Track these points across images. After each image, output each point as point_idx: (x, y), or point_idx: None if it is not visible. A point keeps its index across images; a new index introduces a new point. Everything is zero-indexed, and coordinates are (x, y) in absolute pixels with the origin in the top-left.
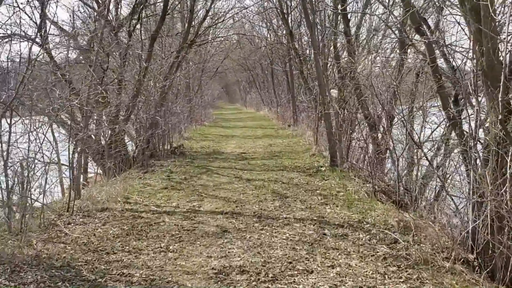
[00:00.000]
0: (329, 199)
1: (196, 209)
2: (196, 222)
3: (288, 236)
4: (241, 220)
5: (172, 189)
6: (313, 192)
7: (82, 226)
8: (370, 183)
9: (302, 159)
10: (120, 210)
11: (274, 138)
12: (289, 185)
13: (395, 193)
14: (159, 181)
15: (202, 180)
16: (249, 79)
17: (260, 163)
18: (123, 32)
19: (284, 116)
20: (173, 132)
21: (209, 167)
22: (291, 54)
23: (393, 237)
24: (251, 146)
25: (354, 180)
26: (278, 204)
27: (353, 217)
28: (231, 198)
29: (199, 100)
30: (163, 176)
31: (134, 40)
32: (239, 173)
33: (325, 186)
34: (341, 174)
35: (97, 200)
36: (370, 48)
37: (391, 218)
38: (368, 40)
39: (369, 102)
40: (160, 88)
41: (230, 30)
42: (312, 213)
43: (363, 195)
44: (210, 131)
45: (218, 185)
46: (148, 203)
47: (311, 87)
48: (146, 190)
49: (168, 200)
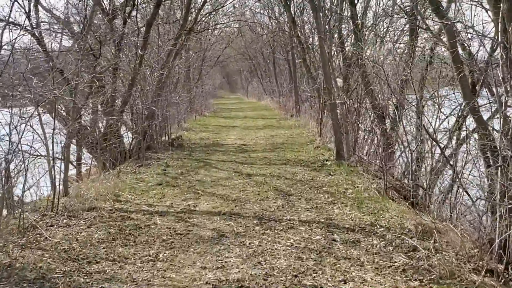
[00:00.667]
0: (336, 198)
1: (192, 208)
2: (191, 224)
3: (292, 242)
4: (240, 223)
5: (167, 185)
6: (319, 190)
7: (65, 228)
8: (381, 179)
9: (306, 151)
10: (108, 210)
11: (276, 129)
12: (293, 181)
13: (408, 190)
14: (153, 176)
15: (200, 175)
16: (251, 68)
17: (262, 156)
18: (119, 20)
19: (286, 106)
20: (171, 123)
21: (207, 160)
22: (294, 42)
23: (411, 243)
24: (252, 138)
25: (362, 176)
26: (281, 203)
27: (365, 219)
28: (230, 196)
29: (199, 89)
30: (158, 170)
31: (130, 27)
32: (239, 167)
33: (332, 182)
34: (349, 168)
35: (85, 197)
36: (378, 33)
37: (408, 221)
38: (376, 24)
39: (378, 90)
40: (157, 77)
41: (231, 18)
42: (318, 214)
43: (374, 193)
44: (211, 121)
45: (217, 180)
46: (140, 201)
47: (315, 76)
48: (139, 186)
49: (162, 198)
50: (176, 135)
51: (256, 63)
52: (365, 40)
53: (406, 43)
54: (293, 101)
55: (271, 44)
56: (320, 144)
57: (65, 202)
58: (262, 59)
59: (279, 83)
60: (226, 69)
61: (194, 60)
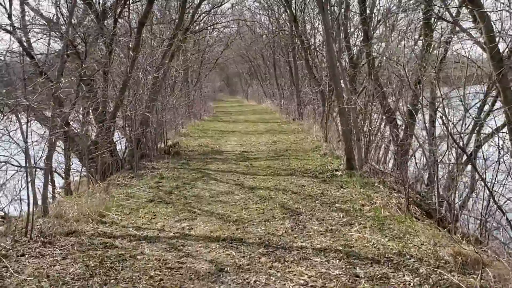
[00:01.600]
0: (353, 217)
1: (186, 232)
2: (184, 254)
3: (307, 279)
4: (243, 251)
5: (159, 202)
6: (331, 206)
7: (37, 260)
8: (399, 192)
9: (312, 159)
10: (90, 234)
11: (278, 134)
12: (301, 195)
13: (432, 206)
14: (145, 191)
15: (197, 188)
16: (250, 71)
17: (264, 164)
18: (111, 20)
19: (288, 109)
20: (168, 128)
21: (206, 170)
22: (295, 42)
23: (451, 280)
24: (253, 143)
25: (378, 189)
26: (289, 224)
27: (390, 247)
28: (230, 216)
29: (198, 93)
30: (152, 182)
31: (122, 27)
32: (240, 179)
33: (345, 196)
34: (362, 180)
35: (66, 218)
36: (391, 26)
37: (443, 250)
38: (385, 18)
39: (390, 92)
40: (152, 80)
41: (229, 18)
42: (335, 240)
43: (395, 211)
44: (210, 126)
45: (215, 196)
46: (127, 223)
47: (318, 78)
48: (128, 203)
49: (153, 218)
50: (173, 142)
51: (256, 65)
52: (378, 37)
53: (421, 38)
54: (295, 104)
55: (271, 45)
56: (327, 151)
57: (43, 224)
58: (262, 61)
59: (280, 85)
60: (225, 72)
61: (192, 63)
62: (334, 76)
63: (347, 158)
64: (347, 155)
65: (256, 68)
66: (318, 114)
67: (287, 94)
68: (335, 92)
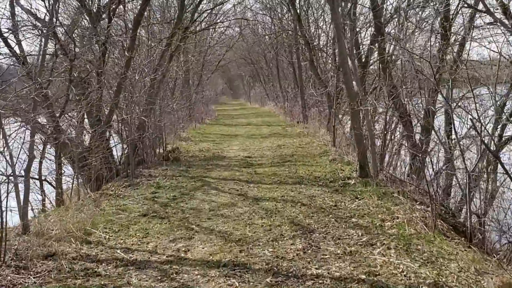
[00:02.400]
0: (373, 235)
1: (182, 255)
2: (178, 284)
3: None
4: (248, 281)
5: (153, 216)
6: (347, 222)
7: None
8: (423, 204)
9: (321, 166)
10: (72, 258)
11: (282, 138)
12: (312, 208)
13: (462, 222)
14: (139, 202)
15: (196, 200)
16: (253, 73)
17: (270, 171)
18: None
19: (292, 112)
20: (168, 132)
21: (206, 178)
22: (299, 42)
23: None
24: (257, 148)
25: (398, 200)
26: (301, 245)
27: (423, 275)
28: (233, 234)
29: (199, 96)
30: (147, 193)
31: (118, 26)
32: (243, 188)
33: (361, 209)
34: (378, 189)
35: (48, 236)
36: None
37: (488, 279)
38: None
39: (407, 91)
40: (149, 82)
41: (231, 17)
42: (355, 265)
43: (421, 227)
44: (211, 129)
45: (216, 208)
46: (115, 243)
47: (324, 80)
48: (119, 218)
49: (144, 237)
50: (172, 147)
51: (259, 67)
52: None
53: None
54: (299, 107)
55: (274, 45)
56: (336, 156)
57: (20, 244)
58: (264, 63)
59: (283, 87)
60: (228, 74)
61: (194, 65)
62: (346, 75)
63: (360, 164)
64: (360, 161)
65: (258, 70)
66: (324, 116)
67: (291, 96)
68: (347, 93)
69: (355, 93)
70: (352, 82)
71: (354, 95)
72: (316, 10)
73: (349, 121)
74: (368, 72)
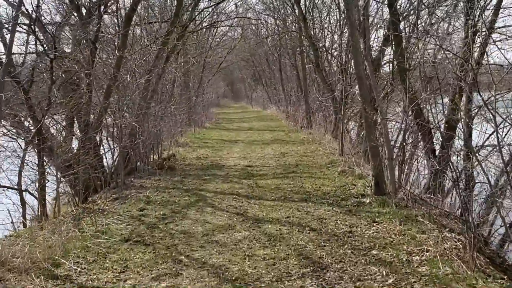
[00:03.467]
0: (401, 275)
1: None
2: None
3: None
4: None
5: (136, 242)
6: (366, 255)
7: None
8: (453, 231)
9: (329, 179)
10: None
11: (286, 144)
12: (323, 235)
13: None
14: (124, 222)
15: (188, 220)
16: (255, 76)
17: (272, 184)
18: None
19: (296, 117)
20: (165, 137)
21: (202, 192)
22: (304, 44)
23: None
24: (258, 156)
25: (424, 225)
26: None
27: None
28: (229, 270)
29: (199, 99)
30: (134, 209)
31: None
32: (243, 206)
33: (382, 238)
34: (399, 211)
35: (11, 266)
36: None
37: None
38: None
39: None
40: (143, 84)
41: (232, 14)
42: None
43: (459, 265)
44: (211, 134)
45: (211, 232)
46: (86, 279)
47: (332, 83)
48: (97, 243)
49: (122, 272)
50: (168, 154)
51: (261, 70)
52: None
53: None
54: (303, 111)
55: (278, 47)
56: (346, 168)
57: None
58: (267, 66)
59: (286, 90)
60: (229, 77)
61: (194, 67)
62: (360, 79)
63: (376, 181)
64: (376, 177)
65: (260, 73)
66: (329, 122)
67: (294, 100)
68: (362, 99)
69: (371, 99)
70: (367, 87)
71: (370, 103)
72: (320, 12)
73: (354, 126)
74: (380, 77)
